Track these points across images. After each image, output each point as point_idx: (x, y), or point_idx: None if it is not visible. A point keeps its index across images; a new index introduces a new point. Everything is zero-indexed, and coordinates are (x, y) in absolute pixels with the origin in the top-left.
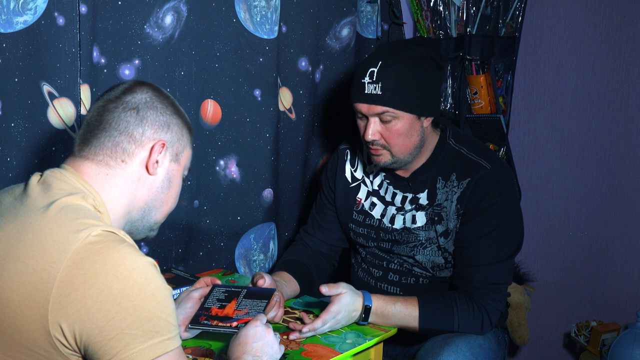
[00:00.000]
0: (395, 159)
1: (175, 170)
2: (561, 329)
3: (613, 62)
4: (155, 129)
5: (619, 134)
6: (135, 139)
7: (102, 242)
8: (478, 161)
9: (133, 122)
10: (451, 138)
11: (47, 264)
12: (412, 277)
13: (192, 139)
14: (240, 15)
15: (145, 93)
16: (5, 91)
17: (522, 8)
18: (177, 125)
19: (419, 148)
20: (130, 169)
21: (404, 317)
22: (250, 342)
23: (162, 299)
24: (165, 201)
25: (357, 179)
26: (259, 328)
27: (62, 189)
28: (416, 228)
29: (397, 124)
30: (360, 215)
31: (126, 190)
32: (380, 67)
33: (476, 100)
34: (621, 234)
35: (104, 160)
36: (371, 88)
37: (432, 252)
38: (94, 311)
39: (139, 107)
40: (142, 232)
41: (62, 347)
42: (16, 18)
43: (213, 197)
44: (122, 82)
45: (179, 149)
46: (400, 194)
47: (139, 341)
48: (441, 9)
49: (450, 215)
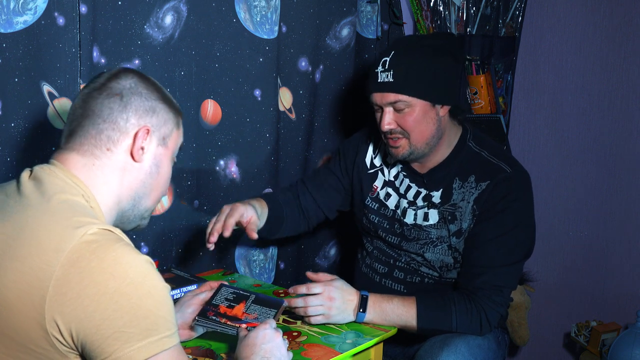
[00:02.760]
0: (413, 149)
1: (162, 155)
2: (561, 329)
3: (613, 62)
4: (139, 115)
5: (619, 134)
6: (120, 126)
7: (99, 240)
8: (499, 164)
9: (117, 108)
10: (471, 140)
11: (44, 262)
12: (418, 277)
13: (180, 120)
14: (240, 15)
15: (130, 79)
16: (5, 91)
17: (522, 8)
18: (162, 110)
19: (437, 139)
20: (116, 157)
21: (402, 313)
22: (260, 343)
23: (159, 296)
24: (154, 186)
25: (375, 166)
26: (268, 331)
27: (54, 184)
28: (428, 226)
29: (411, 112)
30: (375, 203)
31: (114, 180)
32: (393, 55)
33: (476, 100)
34: (621, 234)
35: (89, 150)
36: (384, 76)
37: (443, 251)
38: (91, 310)
39: (122, 93)
40: (134, 222)
41: (60, 345)
42: (16, 18)
43: (213, 197)
44: (108, 70)
45: (165, 132)
46: (415, 188)
47: (136, 339)
48: (441, 9)
49: (465, 216)
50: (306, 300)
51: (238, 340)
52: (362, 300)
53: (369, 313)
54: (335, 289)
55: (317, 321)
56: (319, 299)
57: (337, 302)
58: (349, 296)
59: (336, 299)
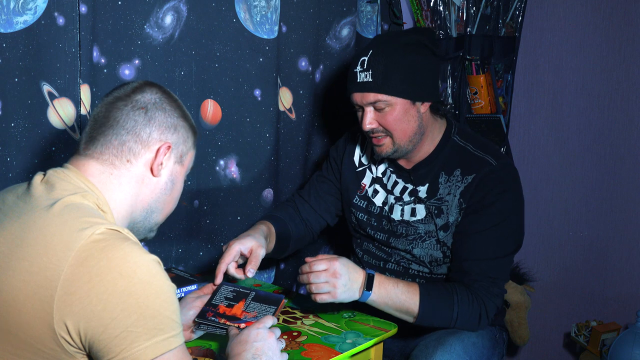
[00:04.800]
0: (397, 147)
1: (178, 173)
2: (561, 329)
3: (613, 62)
4: (162, 130)
5: (619, 134)
6: (142, 139)
7: (107, 240)
8: (484, 157)
9: (141, 121)
10: (456, 134)
11: (52, 262)
12: (409, 277)
13: (196, 141)
14: (240, 15)
15: (154, 94)
16: (5, 91)
17: (522, 8)
18: (183, 128)
19: (419, 135)
20: (134, 169)
21: (405, 299)
22: (252, 341)
23: (166, 296)
24: (167, 202)
25: (363, 164)
26: (261, 330)
27: (65, 189)
28: (415, 221)
29: (391, 111)
30: (363, 201)
31: (130, 190)
32: (371, 54)
33: (476, 100)
34: (621, 234)
35: (109, 160)
36: (362, 76)
37: (431, 246)
38: (99, 309)
39: (147, 107)
40: (142, 233)
41: (67, 345)
42: (16, 18)
43: (213, 197)
44: (131, 81)
45: (183, 150)
46: (402, 184)
47: (142, 339)
48: (441, 9)
49: (451, 209)
50: (310, 277)
51: (229, 337)
52: (369, 278)
53: (374, 293)
54: (341, 265)
55: (322, 300)
56: (324, 276)
57: (343, 279)
58: (355, 273)
59: (342, 275)
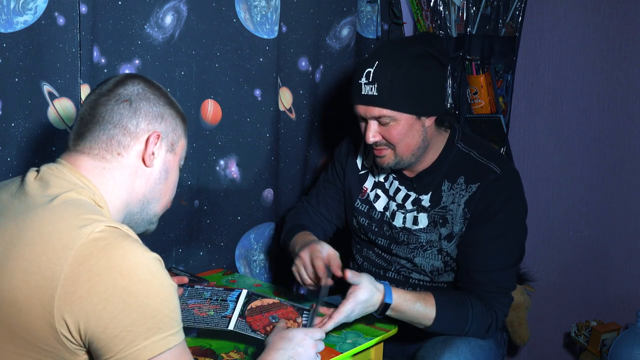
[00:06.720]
0: (399, 160)
1: (171, 161)
2: (561, 329)
3: (613, 62)
4: (149, 120)
5: (619, 134)
6: (130, 131)
7: (106, 238)
8: (488, 165)
9: (126, 114)
10: (460, 141)
11: (51, 261)
12: (410, 287)
13: (186, 128)
14: (240, 15)
15: (137, 85)
16: (5, 91)
17: (522, 8)
18: (170, 116)
19: (423, 149)
20: (126, 161)
21: (420, 316)
22: (295, 344)
23: (166, 295)
24: (163, 192)
25: (366, 167)
26: (308, 338)
27: (61, 186)
28: (417, 230)
29: (395, 125)
30: (364, 205)
31: (124, 183)
32: (377, 67)
33: (476, 100)
34: (621, 234)
35: (100, 154)
36: (367, 89)
37: (432, 255)
38: (99, 308)
39: (131, 99)
40: (142, 226)
41: (69, 343)
42: (16, 18)
43: (213, 197)
44: (113, 76)
45: (174, 139)
46: (404, 191)
47: (142, 338)
48: (441, 9)
49: (456, 219)
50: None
51: (275, 328)
52: (384, 307)
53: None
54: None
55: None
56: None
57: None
58: (370, 307)
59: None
